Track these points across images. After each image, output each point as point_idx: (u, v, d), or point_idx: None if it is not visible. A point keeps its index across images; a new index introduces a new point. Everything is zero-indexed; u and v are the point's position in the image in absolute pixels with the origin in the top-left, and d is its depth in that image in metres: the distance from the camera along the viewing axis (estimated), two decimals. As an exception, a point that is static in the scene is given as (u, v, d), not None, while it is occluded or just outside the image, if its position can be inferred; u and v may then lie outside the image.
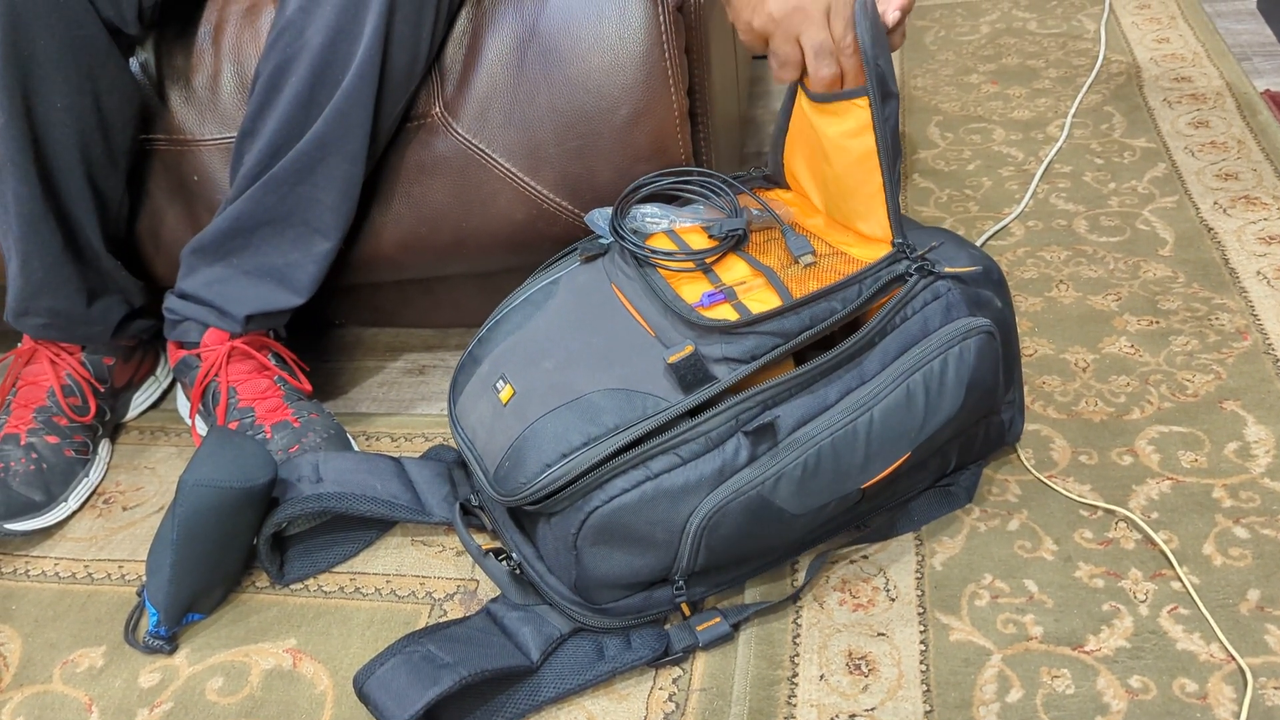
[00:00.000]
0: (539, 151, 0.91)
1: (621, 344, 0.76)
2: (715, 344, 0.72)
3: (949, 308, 0.75)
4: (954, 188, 1.29)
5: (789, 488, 0.71)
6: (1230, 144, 1.29)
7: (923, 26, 1.75)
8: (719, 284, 0.77)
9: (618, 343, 0.76)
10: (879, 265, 0.75)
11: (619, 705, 0.74)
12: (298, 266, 0.94)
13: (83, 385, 1.01)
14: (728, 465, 0.71)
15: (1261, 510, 0.81)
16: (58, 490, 0.96)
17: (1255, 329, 0.99)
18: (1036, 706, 0.70)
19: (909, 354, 0.74)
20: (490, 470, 0.76)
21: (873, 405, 0.72)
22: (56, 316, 0.96)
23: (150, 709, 0.78)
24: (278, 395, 0.97)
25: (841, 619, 0.78)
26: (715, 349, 0.72)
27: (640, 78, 0.88)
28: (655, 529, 0.71)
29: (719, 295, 0.75)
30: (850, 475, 0.73)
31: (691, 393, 0.71)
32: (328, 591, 0.86)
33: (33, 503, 0.93)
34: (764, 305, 0.74)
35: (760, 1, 0.74)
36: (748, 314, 0.73)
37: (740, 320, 0.72)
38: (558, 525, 0.73)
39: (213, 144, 0.96)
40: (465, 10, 0.92)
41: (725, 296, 0.75)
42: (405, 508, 0.86)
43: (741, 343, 0.72)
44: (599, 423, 0.71)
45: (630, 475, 0.70)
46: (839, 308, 0.74)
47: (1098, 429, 0.91)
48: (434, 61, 0.91)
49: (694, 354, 0.71)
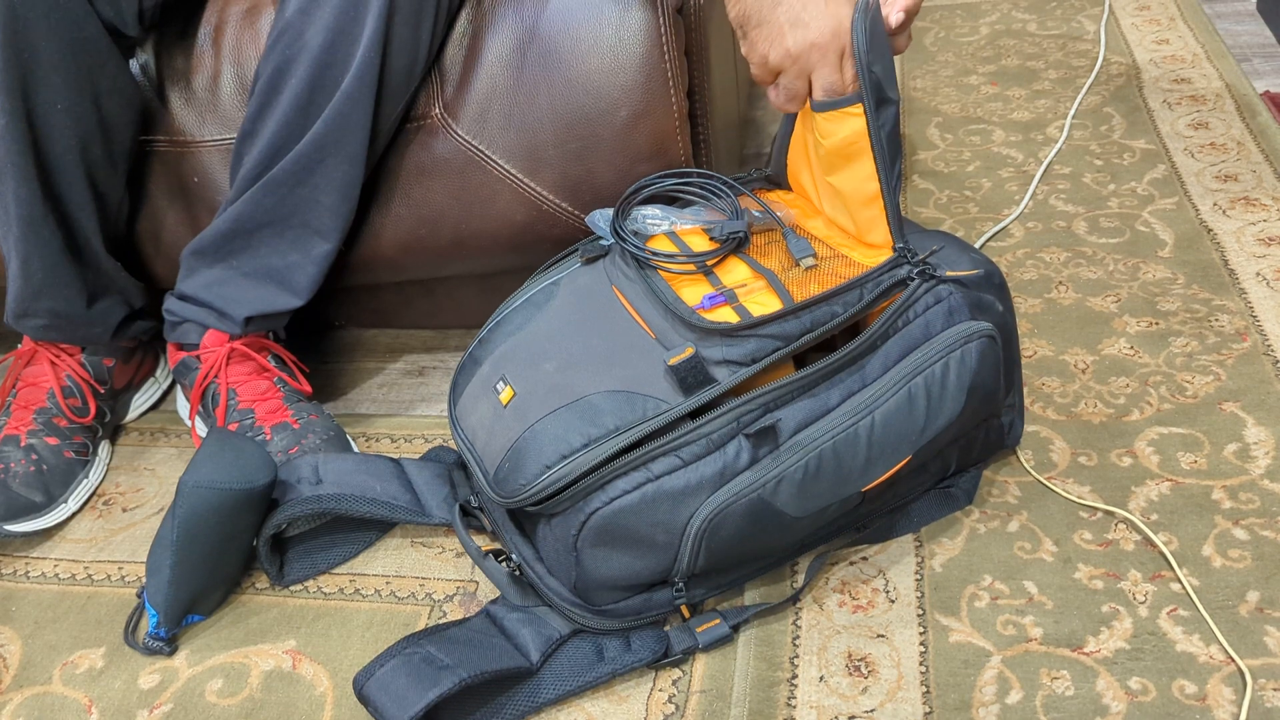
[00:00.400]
0: (539, 153, 0.91)
1: (622, 346, 0.76)
2: (716, 346, 0.72)
3: (950, 312, 0.75)
4: (953, 189, 1.29)
5: (790, 490, 0.71)
6: (1230, 145, 1.29)
7: (922, 28, 1.75)
8: (720, 286, 0.77)
9: (618, 345, 0.76)
10: (880, 270, 0.75)
11: (619, 707, 0.74)
12: (297, 268, 0.94)
13: (83, 386, 1.01)
14: (729, 468, 0.71)
15: (1261, 512, 0.81)
16: (57, 491, 0.96)
17: (1255, 330, 0.99)
18: (1036, 708, 0.70)
19: (910, 358, 0.74)
20: (490, 472, 0.76)
21: (874, 408, 0.72)
22: (57, 318, 0.96)
23: (150, 710, 0.78)
24: (277, 397, 0.97)
25: (841, 620, 0.78)
26: (716, 351, 0.72)
27: (640, 79, 0.88)
28: (656, 531, 0.71)
29: (720, 298, 0.75)
30: (851, 478, 0.73)
31: (692, 395, 0.71)
32: (327, 593, 0.86)
33: (33, 504, 0.93)
34: (765, 308, 0.74)
35: (779, 36, 0.74)
36: (749, 317, 0.73)
37: (741, 323, 0.72)
38: (558, 526, 0.73)
39: (213, 145, 0.96)
40: (465, 12, 0.92)
41: (726, 299, 0.75)
42: (405, 509, 0.86)
43: (742, 345, 0.72)
44: (599, 424, 0.71)
45: (631, 477, 0.70)
46: (840, 311, 0.74)
47: (1097, 430, 0.91)
48: (434, 63, 0.91)
49: (694, 356, 0.71)
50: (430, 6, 0.86)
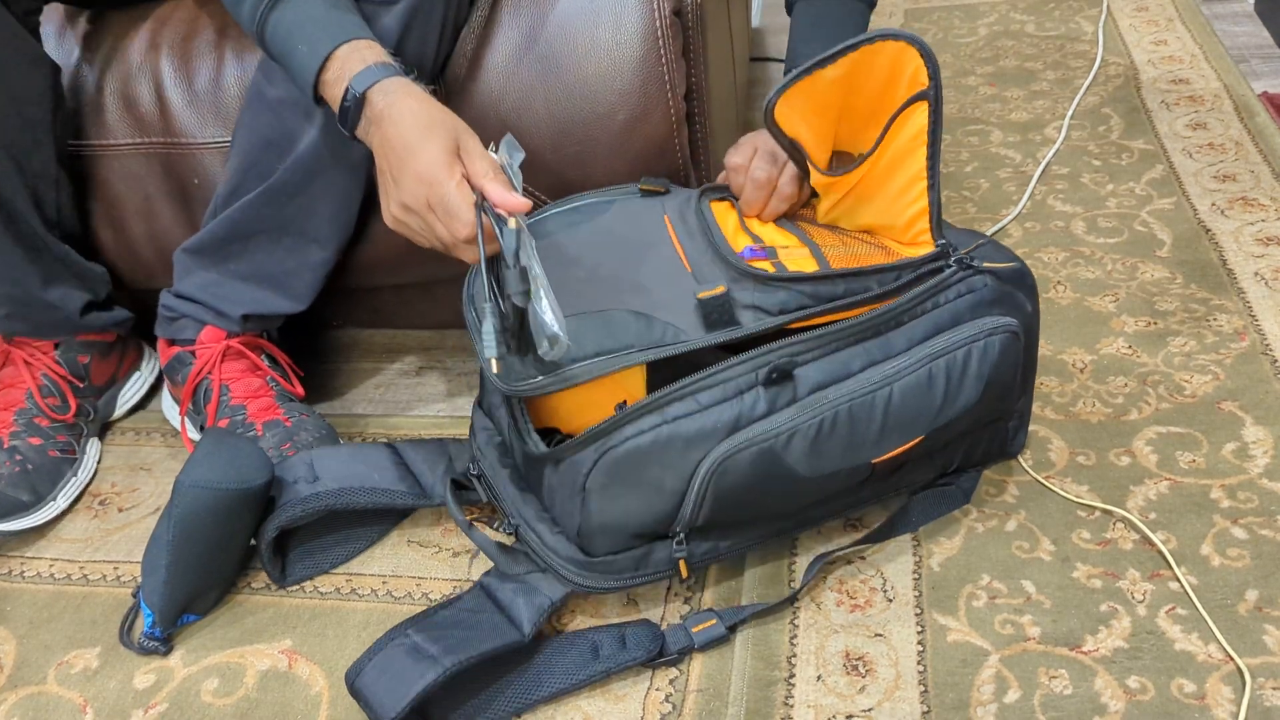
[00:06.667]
0: (536, 158, 0.91)
1: (657, 271, 0.76)
2: (748, 290, 0.73)
3: (981, 303, 0.76)
4: (952, 189, 1.29)
5: (802, 446, 0.71)
6: (1228, 146, 1.29)
7: (921, 29, 1.75)
8: (762, 244, 0.78)
9: (654, 269, 0.76)
10: (922, 260, 0.76)
11: (616, 706, 0.74)
12: (294, 274, 0.94)
13: (60, 384, 1.00)
14: (744, 415, 0.71)
15: (1259, 511, 0.81)
16: (45, 490, 0.95)
17: (1253, 330, 0.99)
18: (1034, 707, 0.69)
19: (936, 339, 0.75)
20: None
21: (894, 381, 0.73)
22: (14, 304, 0.95)
23: (145, 710, 0.78)
24: (269, 395, 0.97)
25: (839, 620, 0.78)
26: (747, 295, 0.73)
27: (637, 83, 0.88)
28: (666, 474, 0.71)
29: (761, 253, 0.77)
30: (864, 446, 0.73)
31: (713, 332, 0.71)
32: (324, 593, 0.86)
33: (20, 503, 0.93)
34: (802, 269, 0.75)
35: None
36: (785, 271, 0.74)
37: (777, 274, 0.73)
38: (567, 470, 0.73)
39: (214, 147, 0.96)
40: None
41: (767, 255, 0.77)
42: (405, 494, 0.86)
43: (774, 294, 0.73)
44: (615, 337, 0.71)
45: (646, 419, 0.70)
46: (874, 287, 0.75)
47: (1096, 430, 0.91)
48: (438, 74, 0.90)
49: (725, 294, 0.72)
50: (438, 19, 0.85)
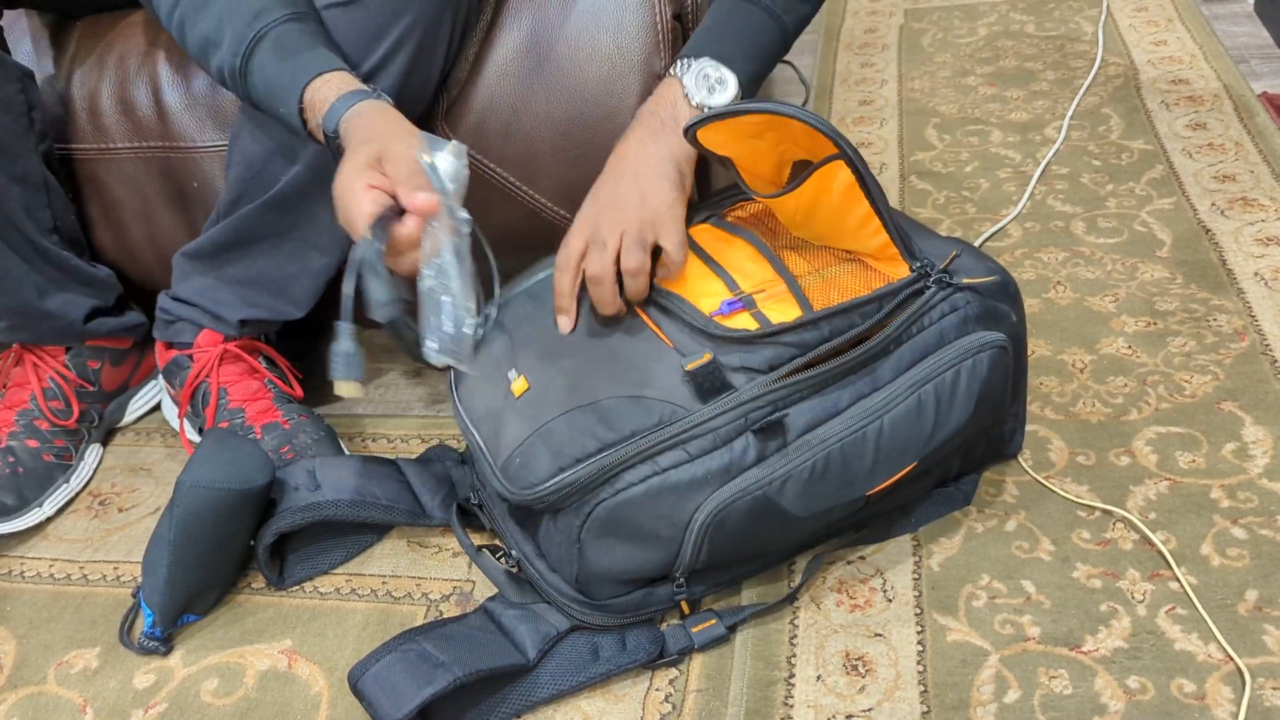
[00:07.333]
0: (537, 161, 0.91)
1: (638, 353, 0.75)
2: (734, 353, 0.72)
3: (965, 320, 0.75)
4: (951, 189, 1.29)
5: (795, 490, 0.71)
6: (1228, 146, 1.29)
7: (920, 29, 1.75)
8: (738, 292, 0.77)
9: (635, 351, 0.75)
10: (901, 285, 0.75)
11: (615, 706, 0.74)
12: (294, 280, 0.94)
13: (65, 388, 1.00)
14: (735, 463, 0.70)
15: (1259, 511, 0.81)
16: (31, 495, 0.95)
17: (1253, 330, 0.99)
18: (1034, 707, 0.69)
19: (923, 364, 0.74)
20: (497, 463, 0.75)
21: (884, 413, 0.72)
22: (14, 315, 0.94)
23: (145, 710, 0.78)
24: (268, 397, 0.97)
25: (839, 620, 0.78)
26: (734, 358, 0.72)
27: (638, 86, 0.88)
28: (660, 524, 0.71)
29: (738, 304, 0.75)
30: (857, 482, 0.73)
31: (709, 401, 0.71)
32: (323, 593, 0.86)
33: (3, 506, 0.93)
34: (783, 315, 0.74)
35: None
36: (767, 324, 0.73)
37: (759, 331, 0.72)
38: (562, 520, 0.73)
39: (212, 151, 0.96)
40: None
41: (744, 304, 0.75)
42: (404, 512, 0.86)
43: (760, 353, 0.72)
44: (615, 429, 0.70)
45: (638, 470, 0.70)
46: (859, 322, 0.73)
47: (1095, 430, 0.91)
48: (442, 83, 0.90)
49: (712, 362, 0.71)
50: (446, 31, 0.85)
